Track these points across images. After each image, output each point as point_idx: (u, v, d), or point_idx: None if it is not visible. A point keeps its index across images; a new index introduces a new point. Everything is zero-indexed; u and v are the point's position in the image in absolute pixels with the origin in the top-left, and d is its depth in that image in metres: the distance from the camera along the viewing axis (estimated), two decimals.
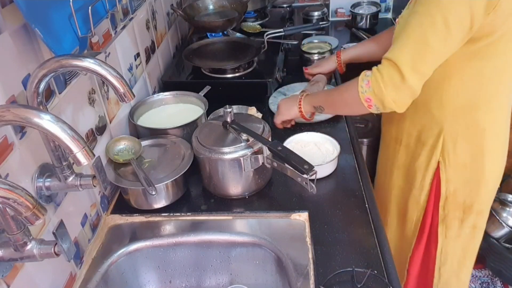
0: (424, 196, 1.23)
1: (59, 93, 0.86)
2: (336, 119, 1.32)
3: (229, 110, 1.03)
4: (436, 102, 1.08)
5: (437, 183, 1.19)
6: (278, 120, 1.24)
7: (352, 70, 1.30)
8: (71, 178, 0.80)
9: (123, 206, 1.06)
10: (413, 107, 1.02)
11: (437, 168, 1.17)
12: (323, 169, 1.08)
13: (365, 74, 1.01)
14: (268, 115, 1.35)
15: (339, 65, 1.38)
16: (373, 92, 0.98)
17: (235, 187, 1.05)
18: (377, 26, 2.04)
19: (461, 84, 1.03)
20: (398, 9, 2.01)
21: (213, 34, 1.70)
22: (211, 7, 1.82)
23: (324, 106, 1.14)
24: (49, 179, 0.79)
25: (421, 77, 0.96)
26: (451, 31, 0.90)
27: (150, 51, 1.40)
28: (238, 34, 1.73)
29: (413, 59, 0.93)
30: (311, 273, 0.86)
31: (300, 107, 1.18)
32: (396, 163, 1.28)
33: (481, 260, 2.07)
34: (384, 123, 1.33)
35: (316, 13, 2.04)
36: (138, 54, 1.29)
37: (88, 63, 0.67)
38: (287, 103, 1.22)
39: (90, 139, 0.98)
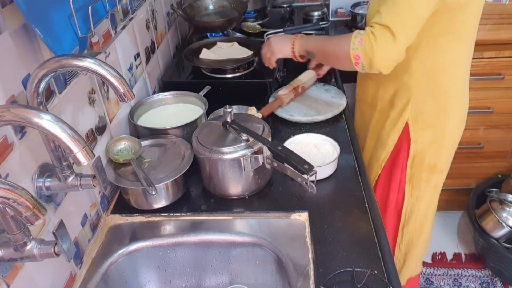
0: (385, 155, 1.34)
1: (59, 93, 0.86)
2: (336, 119, 1.32)
3: (229, 110, 1.03)
4: (404, 69, 1.19)
5: (407, 144, 1.29)
6: (268, 57, 1.31)
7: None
8: (71, 178, 0.80)
9: (123, 206, 1.06)
10: (386, 75, 1.12)
11: (404, 130, 1.28)
12: (323, 171, 1.08)
13: (358, 32, 1.08)
14: (268, 116, 1.35)
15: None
16: (364, 50, 1.06)
17: (235, 187, 1.05)
18: None
19: (426, 53, 1.15)
20: None
21: (213, 34, 1.70)
22: (211, 7, 1.82)
23: (316, 53, 1.22)
24: (49, 179, 0.79)
25: (408, 39, 1.06)
26: None
27: (150, 51, 1.40)
28: (238, 34, 1.73)
29: (402, 21, 1.03)
30: (311, 273, 0.86)
31: (293, 47, 1.25)
32: (371, 127, 1.39)
33: (481, 260, 2.07)
34: (359, 92, 1.43)
35: (316, 13, 2.04)
36: (138, 54, 1.29)
37: (88, 63, 0.67)
38: (280, 41, 1.28)
39: (90, 139, 0.98)
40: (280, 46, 1.28)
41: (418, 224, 1.43)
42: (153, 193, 0.97)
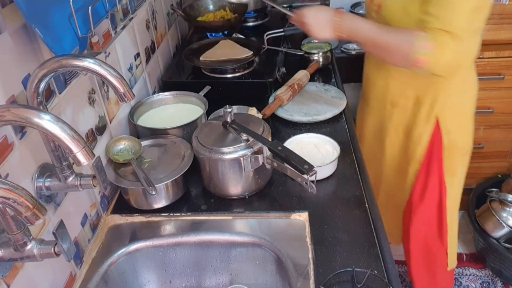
0: (421, 150, 1.36)
1: (59, 93, 0.86)
2: (336, 119, 1.32)
3: (229, 110, 1.03)
4: None
5: (440, 136, 1.32)
6: (301, 26, 1.18)
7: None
8: (71, 178, 0.80)
9: (123, 206, 1.06)
10: (411, 74, 1.17)
11: (436, 123, 1.30)
12: (323, 171, 1.08)
13: (421, 35, 1.04)
14: (269, 116, 1.35)
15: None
16: (434, 57, 1.04)
17: (235, 187, 1.05)
18: None
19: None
20: None
21: (213, 34, 1.70)
22: (211, 7, 1.82)
23: (365, 43, 1.16)
24: (49, 179, 0.79)
25: (478, 36, 1.12)
26: None
27: (150, 51, 1.40)
28: (238, 34, 1.73)
29: (464, 26, 1.03)
30: (311, 273, 0.86)
31: (335, 33, 1.14)
32: (392, 123, 1.40)
33: (481, 260, 2.07)
34: (372, 90, 1.43)
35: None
36: (138, 54, 1.29)
37: (88, 63, 0.67)
38: (319, 22, 1.14)
39: (90, 139, 0.98)
40: (319, 29, 1.14)
41: (456, 206, 1.47)
42: (153, 193, 0.97)
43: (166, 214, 1.03)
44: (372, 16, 1.25)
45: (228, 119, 1.03)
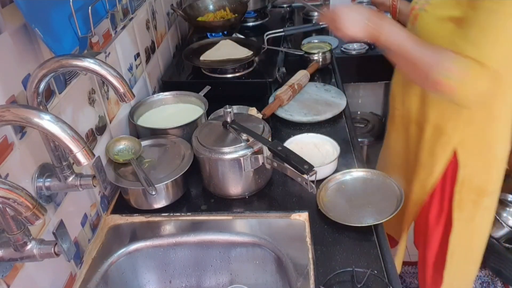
0: (433, 181, 1.24)
1: (59, 93, 0.86)
2: (336, 119, 1.32)
3: (229, 110, 1.03)
4: None
5: (453, 169, 1.19)
6: (335, 26, 1.04)
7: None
8: (71, 178, 0.80)
9: (123, 206, 1.06)
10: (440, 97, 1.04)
11: (454, 155, 1.17)
12: (323, 171, 1.08)
13: (453, 56, 0.91)
14: (269, 116, 1.35)
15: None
16: (464, 85, 0.92)
17: (235, 187, 1.05)
18: None
19: None
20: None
21: (213, 34, 1.70)
22: (211, 7, 1.82)
23: (396, 52, 1.01)
24: (49, 179, 0.79)
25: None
26: None
27: (150, 51, 1.40)
28: (238, 34, 1.73)
29: (506, 61, 0.93)
30: (311, 273, 0.86)
31: (368, 33, 1.01)
32: (412, 146, 1.28)
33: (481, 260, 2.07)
34: (397, 106, 1.31)
35: (316, 13, 2.04)
36: (138, 54, 1.29)
37: (88, 63, 0.68)
38: (353, 18, 1.02)
39: (90, 139, 0.98)
40: (351, 26, 1.02)
41: (467, 249, 1.33)
42: (153, 193, 0.97)
43: (166, 214, 1.03)
44: (408, 27, 1.17)
45: (228, 119, 1.03)
